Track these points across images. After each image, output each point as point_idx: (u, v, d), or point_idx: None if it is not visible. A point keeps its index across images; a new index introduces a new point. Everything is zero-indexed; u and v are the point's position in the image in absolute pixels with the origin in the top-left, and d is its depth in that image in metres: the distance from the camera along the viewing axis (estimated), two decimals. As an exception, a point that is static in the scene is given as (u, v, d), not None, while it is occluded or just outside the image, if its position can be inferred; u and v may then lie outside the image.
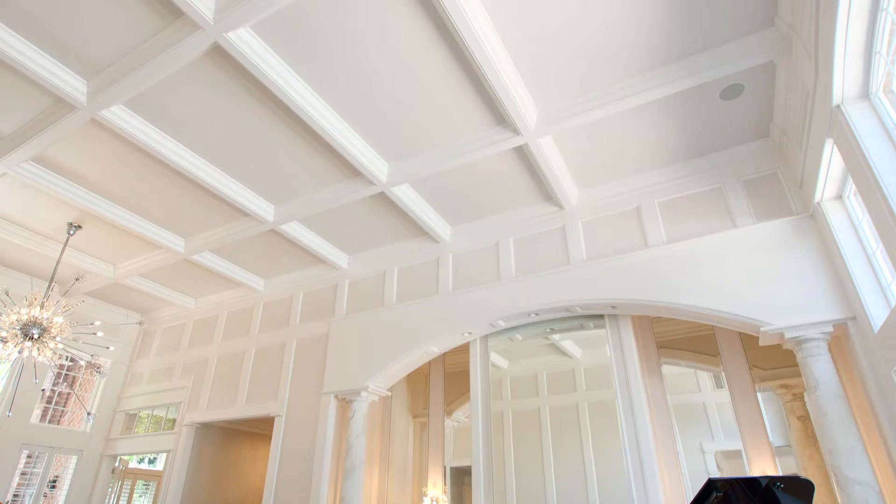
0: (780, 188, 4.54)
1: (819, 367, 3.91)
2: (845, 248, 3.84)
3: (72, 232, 5.99)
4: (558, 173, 4.87)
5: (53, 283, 5.39)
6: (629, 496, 4.41)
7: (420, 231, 5.91)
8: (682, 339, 5.49)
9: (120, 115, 4.31)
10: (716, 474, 4.93)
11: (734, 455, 4.82)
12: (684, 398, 5.18)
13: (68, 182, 5.34)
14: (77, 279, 5.54)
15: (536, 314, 5.19)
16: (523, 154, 4.71)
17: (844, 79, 3.02)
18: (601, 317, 5.16)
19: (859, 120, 3.08)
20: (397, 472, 6.31)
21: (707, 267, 4.47)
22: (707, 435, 5.01)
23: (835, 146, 3.46)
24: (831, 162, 3.65)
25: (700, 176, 4.88)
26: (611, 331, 5.06)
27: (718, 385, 5.25)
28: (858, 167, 3.09)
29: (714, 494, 2.65)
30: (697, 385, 5.29)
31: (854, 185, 3.61)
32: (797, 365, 4.87)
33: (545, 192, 5.27)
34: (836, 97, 3.12)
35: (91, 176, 5.24)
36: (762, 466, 4.65)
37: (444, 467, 6.01)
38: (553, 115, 4.26)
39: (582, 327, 5.31)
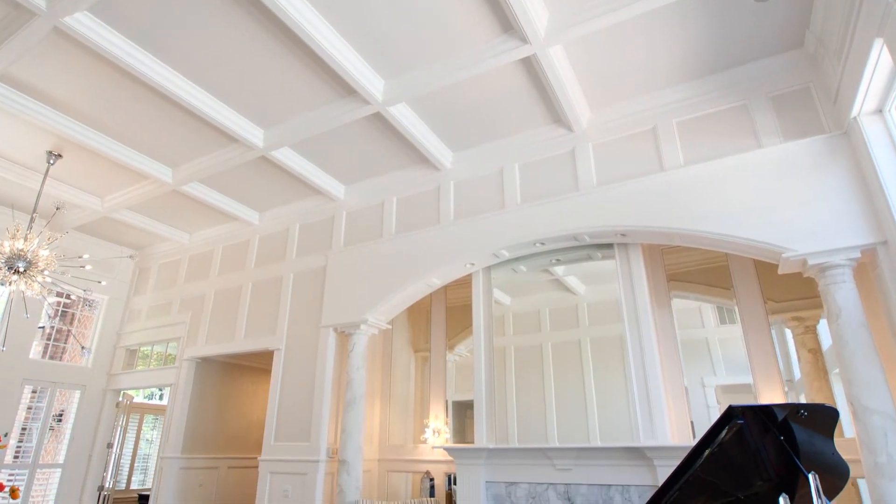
0: (812, 104, 4.16)
1: (843, 295, 3.69)
2: (882, 166, 3.52)
3: (52, 161, 5.67)
4: (569, 90, 4.48)
5: (35, 215, 5.13)
6: (631, 429, 4.34)
7: (420, 158, 5.57)
8: (693, 271, 5.26)
9: (85, 24, 3.89)
10: (716, 408, 4.87)
11: (734, 389, 4.78)
12: (687, 333, 5.06)
13: (43, 106, 4.97)
14: (57, 208, 5.27)
15: (542, 244, 4.94)
16: (532, 68, 4.30)
17: (908, -41, 2.60)
18: (610, 246, 4.91)
19: (920, 9, 2.68)
20: (399, 404, 6.28)
21: (727, 190, 4.17)
22: (709, 370, 4.92)
23: (884, 47, 3.06)
24: (877, 68, 3.26)
25: (723, 92, 4.48)
26: (620, 261, 4.83)
27: (722, 321, 5.10)
28: (914, 66, 2.72)
29: (734, 422, 2.46)
30: (701, 320, 5.14)
31: (901, 93, 3.24)
32: (811, 296, 4.71)
33: (554, 112, 4.88)
34: (895, -16, 2.71)
35: (67, 99, 4.87)
36: (772, 399, 4.55)
37: (447, 401, 5.96)
38: (565, 20, 3.83)
39: (589, 258, 5.07)
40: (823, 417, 2.68)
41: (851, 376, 3.52)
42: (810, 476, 2.23)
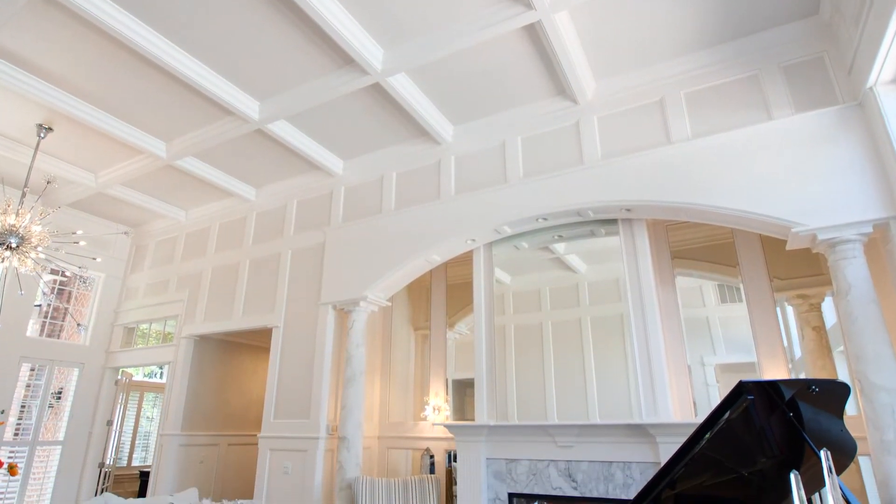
0: (826, 74, 4.03)
1: (853, 270, 3.61)
2: (898, 138, 3.41)
3: (42, 135, 5.53)
4: (574, 60, 4.33)
5: (27, 190, 5.01)
6: (631, 407, 4.32)
7: (420, 131, 5.43)
8: (698, 248, 5.17)
9: (71, -13, 3.74)
10: (715, 387, 4.84)
11: (733, 368, 4.75)
12: (688, 312, 5.03)
13: (32, 77, 4.82)
14: (48, 182, 5.14)
15: (545, 219, 4.84)
16: (536, 36, 4.14)
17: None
18: (614, 222, 4.82)
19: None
20: (399, 382, 6.25)
21: (736, 164, 4.05)
22: (709, 349, 4.88)
23: (906, 11, 2.93)
24: (897, 34, 3.13)
25: (733, 62, 4.34)
26: (624, 237, 4.73)
27: (723, 300, 5.04)
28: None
29: (744, 398, 2.39)
30: (702, 299, 5.08)
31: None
32: (816, 274, 4.64)
33: (558, 84, 4.74)
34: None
35: (57, 70, 4.71)
36: (776, 377, 4.50)
37: (447, 379, 5.92)
38: (572, -16, 3.67)
39: (593, 234, 4.98)
40: (834, 393, 2.62)
41: (859, 353, 3.47)
42: (822, 454, 2.16)
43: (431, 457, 5.66)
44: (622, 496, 4.20)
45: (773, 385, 2.53)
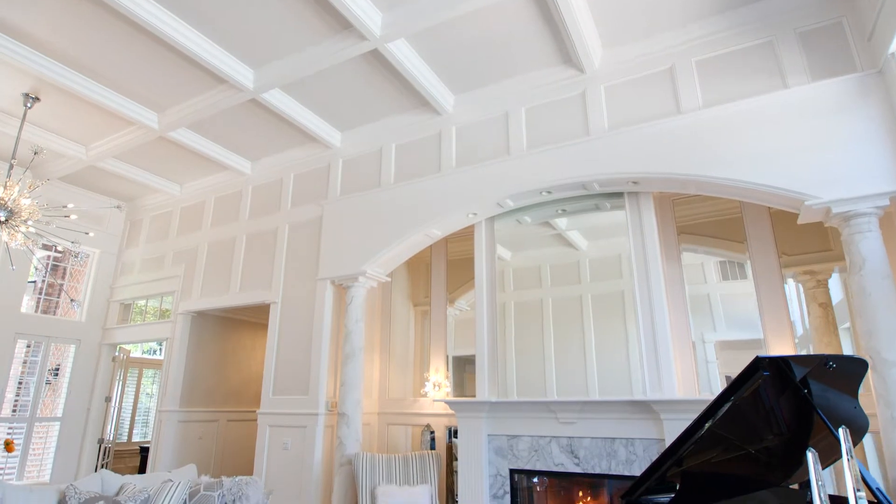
0: (844, 41, 3.86)
1: (867, 244, 3.50)
2: (920, 106, 3.27)
3: (29, 105, 5.34)
4: (582, 26, 4.14)
5: (14, 161, 4.85)
6: (631, 384, 4.27)
7: (420, 101, 5.25)
8: (704, 223, 5.06)
9: (52, -57, 3.54)
10: (714, 364, 4.80)
11: (732, 345, 4.71)
12: (690, 289, 4.98)
13: (17, 43, 4.62)
14: (35, 153, 4.98)
15: (549, 192, 4.71)
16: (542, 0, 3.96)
17: None
18: (620, 195, 4.69)
19: None
20: (398, 358, 6.19)
21: (748, 134, 3.91)
22: (709, 325, 4.82)
23: (938, -33, 2.77)
24: (925, -7, 2.97)
25: (747, 28, 4.16)
26: (630, 211, 4.61)
27: (725, 277, 4.97)
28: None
29: (760, 373, 2.30)
30: (703, 276, 5.00)
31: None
32: (825, 249, 4.55)
33: (564, 51, 4.55)
34: None
35: (43, 37, 4.52)
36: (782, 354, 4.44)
37: (447, 356, 5.86)
38: (581, -58, 3.48)
39: (598, 208, 4.85)
40: (852, 370, 2.53)
41: (872, 329, 3.38)
42: (841, 432, 2.07)
43: (432, 433, 5.62)
44: (625, 472, 4.17)
45: (788, 361, 2.45)
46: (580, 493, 4.62)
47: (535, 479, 4.71)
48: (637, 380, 4.28)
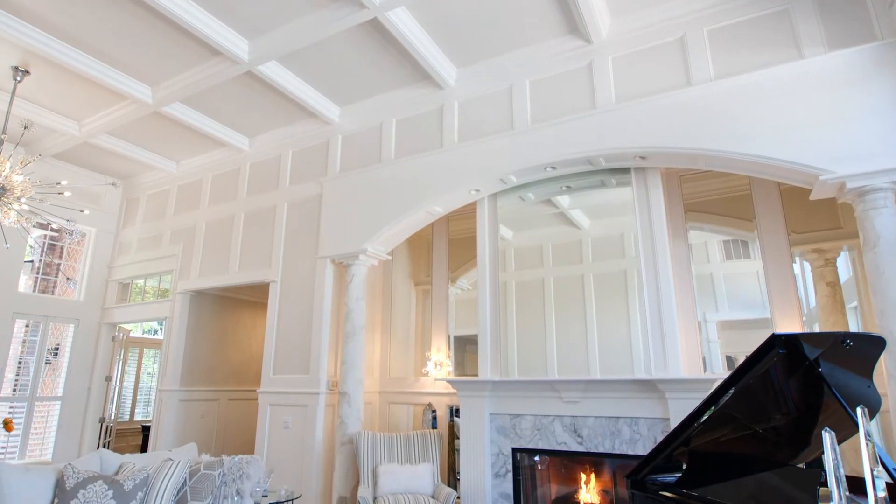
0: (864, 8, 3.70)
1: (882, 221, 3.40)
2: (943, 76, 3.14)
3: (18, 78, 5.18)
4: (590, -8, 3.99)
5: (4, 136, 4.72)
6: (633, 363, 4.23)
7: (421, 74, 5.10)
8: (712, 200, 4.96)
9: None
10: (716, 343, 4.75)
11: (734, 325, 4.66)
12: (693, 269, 4.90)
13: (5, 14, 4.46)
14: (25, 128, 4.85)
15: (553, 168, 4.59)
16: (548, -36, 3.79)
17: None
18: (627, 171, 4.57)
19: None
20: (400, 337, 6.14)
21: (761, 107, 3.78)
22: (711, 305, 4.76)
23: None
24: (954, -46, 2.82)
25: (763, -4, 4.00)
26: (637, 187, 4.50)
27: (728, 256, 4.90)
28: None
29: (775, 351, 2.22)
30: (707, 255, 4.93)
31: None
32: (834, 227, 4.46)
33: (571, 21, 4.39)
34: None
35: (32, 6, 4.35)
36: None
37: (449, 335, 5.80)
38: None
39: (603, 184, 4.74)
40: (868, 348, 2.46)
41: (885, 307, 3.30)
42: (859, 412, 1.99)
43: (433, 412, 5.60)
44: (628, 452, 4.13)
45: (804, 338, 2.37)
46: (583, 472, 4.60)
47: (537, 458, 4.69)
48: (639, 359, 4.22)
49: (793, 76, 3.73)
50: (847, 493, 1.82)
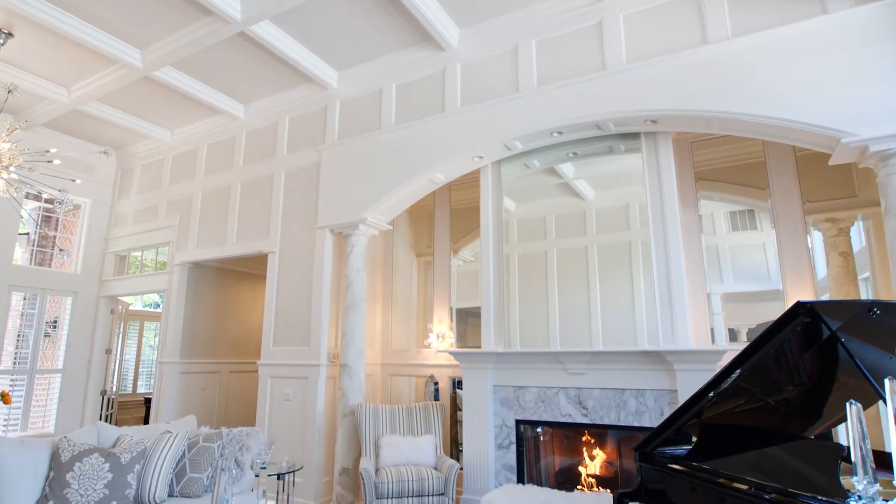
0: (894, -42, 3.47)
1: (906, 185, 3.25)
2: (980, 29, 2.94)
3: (2, 41, 4.96)
4: (601, -57, 3.75)
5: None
6: (636, 335, 4.15)
7: (422, 35, 4.87)
8: (724, 168, 4.79)
9: None
10: (720, 315, 4.66)
11: (738, 298, 4.57)
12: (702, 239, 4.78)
13: (-19, -30, 4.23)
14: (9, 91, 4.66)
15: (560, 133, 4.42)
16: (558, -89, 3.55)
17: None
18: (636, 136, 4.40)
19: None
20: (401, 309, 6.04)
21: (780, 66, 3.58)
22: (716, 277, 4.66)
23: None
24: None
25: (786, -54, 3.75)
26: (647, 153, 4.33)
27: (734, 227, 4.78)
28: None
29: (799, 319, 2.10)
30: (713, 227, 4.81)
31: None
32: (849, 196, 4.31)
33: (580, -25, 4.16)
34: None
35: (5, -42, 4.12)
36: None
37: (451, 307, 5.71)
38: None
39: (611, 150, 4.57)
40: (894, 317, 2.34)
41: (906, 276, 3.17)
42: (887, 383, 1.86)
43: (436, 384, 5.54)
44: (634, 424, 4.07)
45: (829, 306, 2.24)
46: (587, 444, 4.55)
47: (539, 430, 4.64)
48: (642, 331, 4.13)
49: (815, 33, 3.53)
50: (873, 467, 1.72)
